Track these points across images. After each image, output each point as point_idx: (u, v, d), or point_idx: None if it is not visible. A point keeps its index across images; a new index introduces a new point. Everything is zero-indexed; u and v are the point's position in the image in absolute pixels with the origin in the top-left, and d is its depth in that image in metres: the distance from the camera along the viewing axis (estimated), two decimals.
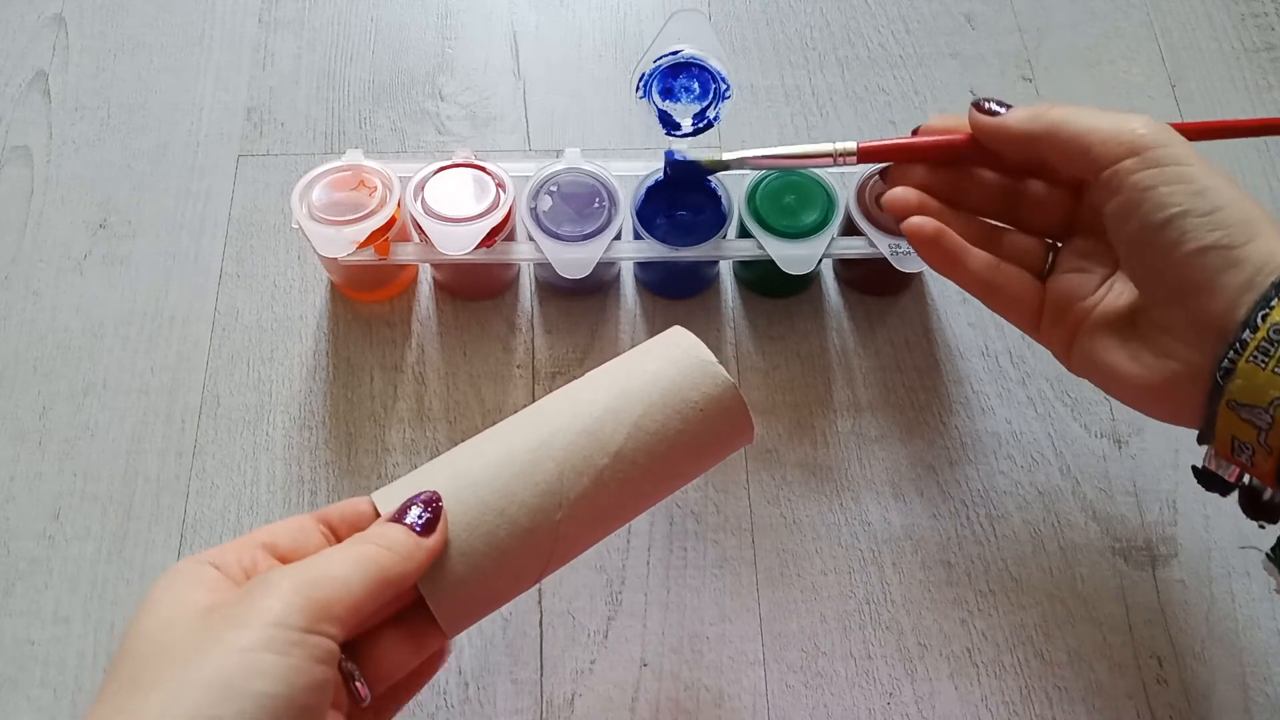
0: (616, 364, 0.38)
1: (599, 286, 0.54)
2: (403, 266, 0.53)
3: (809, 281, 0.54)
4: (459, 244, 0.47)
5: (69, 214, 0.55)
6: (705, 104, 0.48)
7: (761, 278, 0.53)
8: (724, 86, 0.47)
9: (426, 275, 0.54)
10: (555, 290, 0.54)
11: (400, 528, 0.31)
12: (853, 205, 0.49)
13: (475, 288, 0.53)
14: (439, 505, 0.32)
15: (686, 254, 0.48)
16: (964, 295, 0.41)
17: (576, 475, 0.34)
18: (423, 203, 0.48)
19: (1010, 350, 0.53)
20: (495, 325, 0.53)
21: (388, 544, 0.31)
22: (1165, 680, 0.45)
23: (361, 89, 0.60)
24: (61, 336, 0.52)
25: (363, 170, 0.49)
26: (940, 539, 0.48)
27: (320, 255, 0.48)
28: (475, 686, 0.44)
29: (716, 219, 0.49)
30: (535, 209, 0.49)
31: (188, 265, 0.54)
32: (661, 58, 0.47)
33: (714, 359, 0.36)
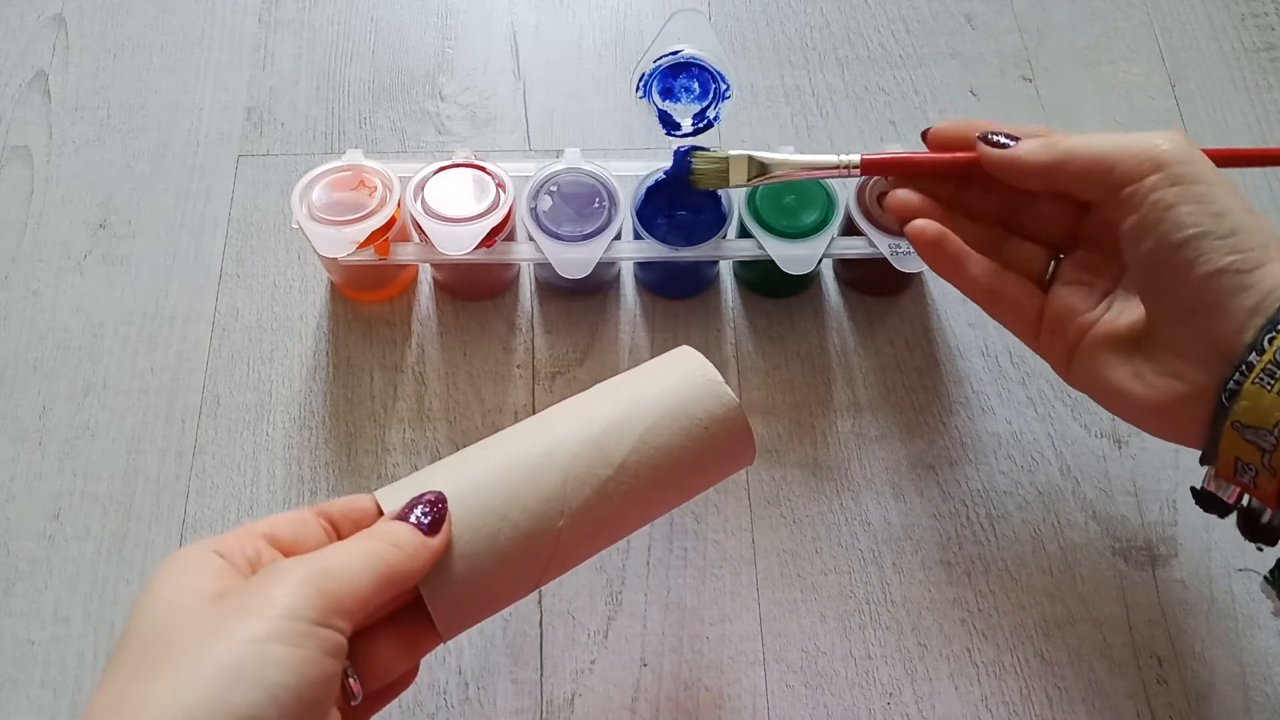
0: (623, 378, 0.38)
1: (599, 286, 0.54)
2: (403, 266, 0.53)
3: (809, 281, 0.54)
4: (459, 244, 0.47)
5: (69, 214, 0.55)
6: (705, 104, 0.48)
7: (761, 278, 0.53)
8: (724, 86, 0.47)
9: (426, 275, 0.54)
10: (555, 290, 0.54)
11: (407, 526, 0.31)
12: (853, 205, 0.49)
13: (475, 288, 0.53)
14: (444, 506, 0.32)
15: (686, 254, 0.48)
16: (964, 296, 0.41)
17: (580, 484, 0.34)
18: (423, 203, 0.48)
19: (1010, 350, 0.53)
20: (495, 325, 0.53)
21: (395, 541, 0.30)
22: (1165, 680, 0.45)
23: (361, 89, 0.60)
24: (61, 336, 0.52)
25: (363, 170, 0.49)
26: (940, 539, 0.48)
27: (320, 255, 0.48)
28: (475, 686, 0.44)
29: (716, 219, 0.49)
30: (535, 209, 0.49)
31: (188, 265, 0.54)
32: (661, 58, 0.47)
33: (721, 379, 0.37)
